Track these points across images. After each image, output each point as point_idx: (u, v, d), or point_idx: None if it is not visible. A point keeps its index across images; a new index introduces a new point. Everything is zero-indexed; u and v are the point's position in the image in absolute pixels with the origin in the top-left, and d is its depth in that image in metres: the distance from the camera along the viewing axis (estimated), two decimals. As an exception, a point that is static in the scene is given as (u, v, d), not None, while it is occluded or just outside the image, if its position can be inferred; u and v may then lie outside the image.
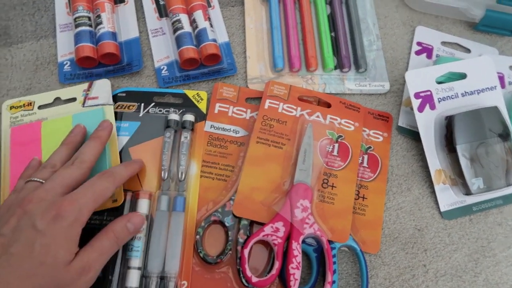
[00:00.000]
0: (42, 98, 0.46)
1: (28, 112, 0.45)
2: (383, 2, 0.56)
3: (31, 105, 0.45)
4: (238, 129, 0.47)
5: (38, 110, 0.45)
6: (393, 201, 0.45)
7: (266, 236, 0.40)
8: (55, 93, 0.46)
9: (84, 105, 0.45)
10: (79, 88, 0.46)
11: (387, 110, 0.50)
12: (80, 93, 0.46)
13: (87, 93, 0.46)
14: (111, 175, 0.37)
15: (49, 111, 0.45)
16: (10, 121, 0.44)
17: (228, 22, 0.53)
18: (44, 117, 0.44)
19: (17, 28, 0.50)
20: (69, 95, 0.46)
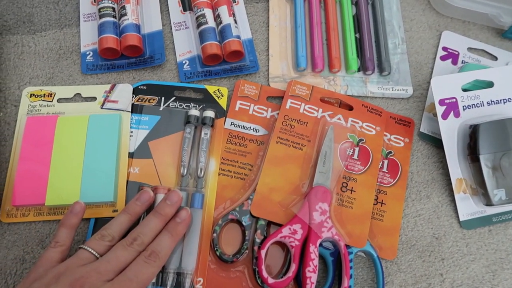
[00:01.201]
0: (63, 91, 0.45)
1: (47, 103, 0.45)
2: (409, 5, 0.55)
3: (51, 97, 0.45)
4: (258, 127, 0.46)
5: (57, 103, 0.45)
6: (412, 208, 0.45)
7: (283, 238, 0.40)
8: (76, 89, 0.46)
9: (102, 106, 0.45)
10: (101, 88, 0.46)
11: (409, 115, 0.49)
12: (101, 94, 0.45)
13: (107, 95, 0.45)
14: (157, 256, 0.34)
15: (67, 106, 0.45)
16: (28, 109, 0.44)
17: (252, 19, 0.53)
18: (61, 112, 0.44)
19: (41, 16, 0.50)
20: (90, 93, 0.46)
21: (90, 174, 0.41)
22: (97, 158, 0.42)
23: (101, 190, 0.40)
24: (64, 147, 0.42)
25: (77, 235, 0.41)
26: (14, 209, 0.40)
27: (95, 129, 0.43)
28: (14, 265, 0.39)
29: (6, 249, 0.40)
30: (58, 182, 0.40)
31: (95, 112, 0.44)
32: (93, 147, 0.42)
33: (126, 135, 0.44)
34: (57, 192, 0.40)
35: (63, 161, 0.41)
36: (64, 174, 0.41)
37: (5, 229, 0.40)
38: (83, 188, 0.40)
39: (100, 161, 0.42)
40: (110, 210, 0.41)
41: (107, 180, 0.41)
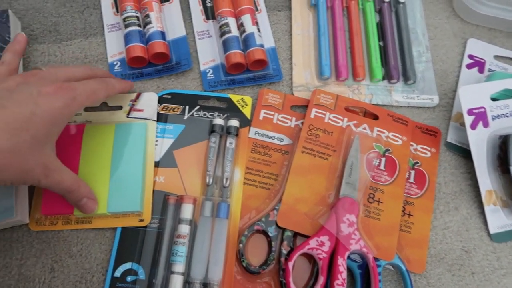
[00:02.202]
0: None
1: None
2: (433, 13, 0.55)
3: None
4: (283, 137, 0.46)
5: (84, 111, 0.45)
6: (440, 220, 0.44)
7: (311, 250, 0.39)
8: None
9: (128, 115, 0.45)
10: (127, 97, 0.45)
11: (435, 124, 0.49)
12: (127, 102, 0.45)
13: (133, 104, 0.45)
14: (104, 81, 0.39)
15: (94, 114, 0.45)
16: None
17: (275, 27, 0.52)
18: (88, 120, 0.44)
19: (67, 25, 0.51)
20: (116, 102, 0.45)
21: (117, 183, 0.41)
22: (124, 167, 0.41)
23: (128, 200, 0.40)
24: (91, 156, 0.42)
25: (104, 244, 0.41)
26: (43, 217, 0.40)
27: (122, 138, 0.43)
28: (42, 274, 0.39)
29: (35, 257, 0.40)
30: None
31: (121, 121, 0.44)
32: (120, 156, 0.42)
33: (152, 144, 0.44)
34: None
35: (90, 170, 0.41)
36: (92, 183, 0.40)
37: (34, 237, 0.41)
38: (110, 197, 0.40)
39: (127, 170, 0.41)
40: (136, 219, 0.41)
41: (134, 190, 0.41)
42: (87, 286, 0.39)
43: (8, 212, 0.38)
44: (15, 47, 0.40)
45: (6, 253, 0.40)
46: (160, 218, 0.41)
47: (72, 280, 0.40)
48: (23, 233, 0.41)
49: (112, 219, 0.41)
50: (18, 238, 0.41)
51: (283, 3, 0.54)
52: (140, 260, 0.40)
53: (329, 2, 0.52)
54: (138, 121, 0.44)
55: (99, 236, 0.41)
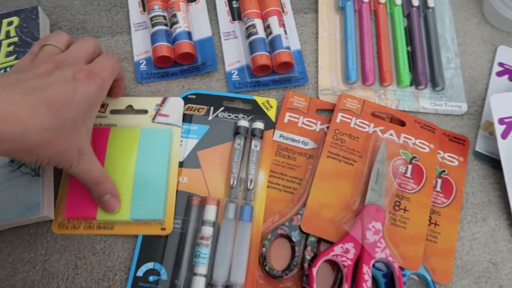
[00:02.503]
0: (115, 103, 0.45)
1: (100, 114, 0.44)
2: (463, 18, 0.54)
3: (104, 108, 0.44)
4: (308, 140, 0.45)
5: (109, 114, 0.44)
6: (467, 230, 0.43)
7: (335, 256, 0.39)
8: (128, 100, 0.45)
9: (154, 120, 0.44)
10: (152, 101, 0.45)
11: (463, 133, 0.48)
12: (152, 107, 0.44)
13: (159, 108, 0.44)
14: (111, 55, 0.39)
15: (119, 118, 0.44)
16: None
17: (301, 29, 0.52)
18: (113, 124, 0.44)
19: (94, 23, 0.51)
20: (142, 105, 0.45)
21: (140, 190, 0.40)
22: (147, 174, 0.41)
23: (151, 208, 0.40)
24: (115, 160, 0.41)
25: (127, 243, 0.41)
26: (65, 220, 0.40)
27: (147, 144, 0.42)
28: (66, 270, 0.40)
29: (59, 253, 0.40)
30: None
31: (146, 125, 0.44)
32: (144, 162, 0.41)
33: (176, 151, 0.43)
34: None
35: (114, 175, 0.40)
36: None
37: (58, 234, 0.41)
38: (133, 204, 0.40)
39: (151, 177, 0.41)
40: (158, 227, 0.40)
41: (157, 198, 0.40)
42: (109, 285, 0.39)
43: (35, 208, 0.38)
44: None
45: (30, 248, 0.40)
46: (183, 219, 0.41)
47: (95, 278, 0.40)
48: (47, 228, 0.41)
49: (134, 226, 0.41)
50: (43, 233, 0.41)
51: (310, 6, 0.53)
52: (162, 260, 0.40)
53: (356, 5, 0.52)
54: (164, 127, 0.44)
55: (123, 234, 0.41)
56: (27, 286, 0.39)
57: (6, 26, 0.45)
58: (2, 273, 0.39)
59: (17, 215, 0.38)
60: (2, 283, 0.39)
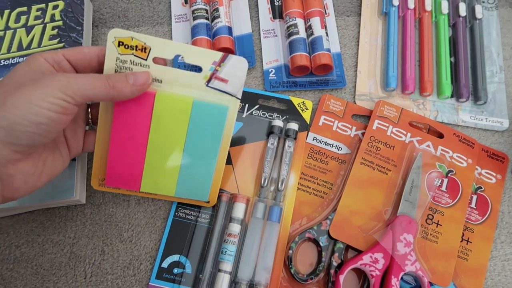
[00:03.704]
0: (160, 48, 0.34)
1: (140, 61, 0.34)
2: (510, 32, 0.52)
3: (145, 52, 0.34)
4: (341, 145, 0.45)
5: (152, 63, 0.34)
6: (500, 250, 0.42)
7: (363, 265, 0.38)
8: (178, 48, 0.35)
9: (208, 83, 0.35)
10: (209, 56, 0.35)
11: (503, 150, 0.46)
12: (208, 64, 0.35)
13: (216, 69, 0.35)
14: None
15: (165, 72, 0.35)
16: (115, 65, 0.34)
17: (342, 32, 0.51)
18: (157, 79, 0.35)
19: (135, 12, 0.51)
20: (195, 59, 0.35)
21: (188, 169, 0.37)
22: (197, 153, 0.37)
23: (197, 188, 0.39)
24: (162, 132, 0.36)
25: (154, 233, 0.41)
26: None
27: (199, 119, 0.36)
28: (93, 255, 0.40)
29: (87, 238, 0.40)
30: (154, 171, 0.37)
31: (199, 88, 0.36)
32: (195, 139, 0.37)
33: (230, 130, 0.37)
34: (153, 181, 0.38)
35: (161, 147, 0.36)
36: (162, 163, 0.37)
37: (87, 218, 0.41)
38: (180, 181, 0.38)
39: (200, 156, 0.37)
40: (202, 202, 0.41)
41: (205, 180, 0.38)
42: (134, 273, 0.40)
43: (69, 191, 0.38)
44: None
45: (60, 230, 0.41)
46: (211, 214, 0.41)
47: (121, 265, 0.40)
48: (77, 212, 0.41)
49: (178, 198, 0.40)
50: (72, 217, 0.41)
51: (353, 9, 0.52)
52: (188, 254, 0.40)
53: (401, 11, 0.50)
54: (220, 96, 0.36)
55: (150, 224, 0.41)
56: (54, 267, 0.40)
57: (51, 10, 0.46)
58: (31, 252, 0.40)
59: (50, 197, 0.39)
60: (30, 262, 0.40)
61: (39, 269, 0.39)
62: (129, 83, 0.32)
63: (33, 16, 0.45)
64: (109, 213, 0.42)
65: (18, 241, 0.40)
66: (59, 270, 0.39)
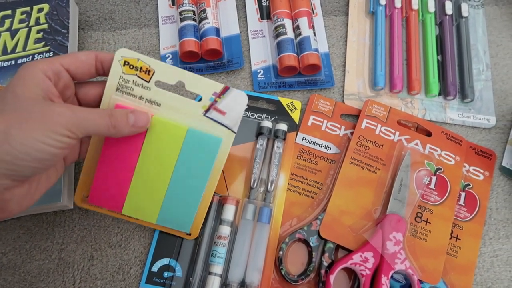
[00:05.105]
0: (164, 72, 0.34)
1: (143, 82, 0.34)
2: (496, 29, 0.52)
3: (149, 75, 0.34)
4: (330, 145, 0.45)
5: (154, 86, 0.34)
6: (489, 246, 0.42)
7: (353, 265, 0.38)
8: (181, 74, 0.34)
9: (206, 113, 0.35)
10: (210, 86, 0.35)
11: (490, 146, 0.46)
12: (208, 94, 0.35)
13: (216, 100, 0.35)
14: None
15: (165, 96, 0.34)
16: (118, 83, 0.34)
17: (329, 32, 0.51)
18: (157, 102, 0.34)
19: (122, 14, 0.51)
20: (196, 88, 0.35)
21: (173, 197, 0.37)
22: (184, 183, 0.36)
23: (180, 219, 0.38)
24: (152, 156, 0.35)
25: (143, 237, 0.41)
26: None
27: (191, 147, 0.35)
28: (81, 260, 0.40)
29: (76, 243, 0.40)
30: (139, 195, 0.36)
31: (196, 117, 0.35)
32: (184, 167, 0.36)
33: (222, 162, 0.37)
34: (136, 205, 0.37)
35: (148, 172, 0.36)
36: (147, 188, 0.36)
37: (75, 223, 0.41)
38: (163, 209, 0.37)
39: (187, 187, 0.36)
40: (182, 233, 0.39)
41: (189, 211, 0.37)
42: (124, 278, 0.39)
43: (56, 196, 0.38)
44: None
45: (48, 236, 0.40)
46: (201, 216, 0.41)
47: (110, 270, 0.40)
48: (65, 218, 0.41)
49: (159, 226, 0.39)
50: (60, 222, 0.41)
51: (340, 8, 0.52)
52: (178, 257, 0.40)
53: (388, 10, 0.51)
54: (215, 128, 0.36)
55: (140, 228, 0.41)
56: (42, 274, 0.39)
57: (36, 13, 0.45)
58: (18, 259, 0.39)
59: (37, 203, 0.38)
60: (18, 269, 0.39)
61: (27, 276, 0.39)
62: (129, 124, 0.32)
63: (18, 20, 0.45)
64: (97, 217, 0.41)
65: (5, 248, 0.40)
66: (47, 276, 0.39)
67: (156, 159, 0.35)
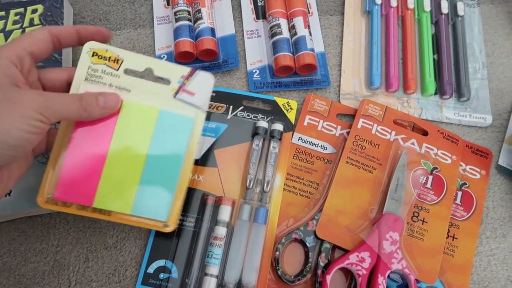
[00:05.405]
0: (132, 60, 0.36)
1: (112, 71, 0.35)
2: (492, 28, 0.52)
3: (117, 63, 0.35)
4: (327, 145, 0.45)
5: (123, 74, 0.35)
6: (486, 245, 0.42)
7: (350, 265, 0.38)
8: (149, 61, 0.36)
9: (176, 95, 0.36)
10: (178, 70, 0.36)
11: (486, 145, 0.46)
12: (177, 77, 0.36)
13: (184, 82, 0.36)
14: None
15: (134, 82, 0.35)
16: (86, 73, 0.35)
17: (325, 31, 0.51)
18: (126, 88, 0.35)
19: (117, 15, 0.50)
20: (164, 73, 0.36)
21: (148, 184, 0.35)
22: (159, 167, 0.35)
23: (156, 206, 0.35)
24: (125, 141, 0.34)
25: (139, 238, 0.41)
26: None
27: (164, 129, 0.35)
28: (77, 262, 0.39)
29: (71, 245, 0.40)
30: (111, 184, 0.34)
31: (166, 99, 0.36)
32: (157, 151, 0.35)
33: (195, 143, 0.36)
34: (109, 195, 0.34)
35: (121, 159, 0.34)
36: (120, 175, 0.34)
37: (71, 225, 0.41)
38: (138, 198, 0.34)
39: (162, 171, 0.35)
40: (160, 224, 0.35)
41: (165, 197, 0.35)
42: (120, 279, 0.39)
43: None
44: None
45: (43, 238, 0.40)
46: (196, 217, 0.41)
47: (106, 272, 0.39)
48: (60, 220, 0.41)
49: (133, 218, 0.35)
50: (55, 224, 0.41)
51: (336, 8, 0.52)
52: (174, 258, 0.39)
53: (384, 9, 0.50)
54: (186, 108, 0.36)
55: (135, 230, 0.41)
56: (37, 276, 0.39)
57: (30, 14, 0.45)
58: (13, 262, 0.39)
59: (31, 205, 0.38)
60: (12, 271, 0.39)
61: (22, 279, 0.39)
62: (99, 106, 0.32)
63: (12, 21, 0.45)
64: (93, 219, 0.41)
65: (0, 250, 0.40)
66: (43, 279, 0.39)
67: (129, 144, 0.35)
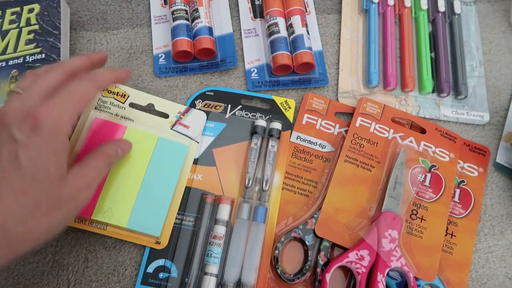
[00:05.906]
0: (137, 96, 0.43)
1: (119, 103, 0.42)
2: (489, 26, 0.52)
3: (124, 98, 0.42)
4: (325, 143, 0.45)
5: (128, 107, 0.42)
6: (484, 243, 0.42)
7: (349, 263, 0.38)
8: (150, 98, 0.43)
9: (173, 127, 0.42)
10: (175, 107, 0.43)
11: (484, 143, 0.47)
12: (174, 113, 0.43)
13: (180, 117, 0.43)
14: (90, 77, 0.33)
15: (138, 114, 0.42)
16: (97, 103, 0.42)
17: (323, 30, 0.51)
18: (130, 118, 0.42)
19: (114, 14, 0.50)
20: (164, 108, 0.43)
21: (144, 201, 0.39)
22: (154, 187, 0.39)
23: (150, 222, 0.39)
24: (125, 163, 0.39)
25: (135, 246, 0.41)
26: None
27: (161, 154, 0.41)
28: (76, 263, 0.39)
29: (70, 245, 0.40)
30: (110, 199, 0.38)
31: (164, 130, 0.42)
32: (155, 173, 0.40)
33: (188, 167, 0.42)
34: (107, 209, 0.38)
35: (120, 177, 0.39)
36: (118, 192, 0.39)
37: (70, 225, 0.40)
38: (133, 214, 0.38)
39: (157, 191, 0.39)
40: (152, 241, 0.39)
41: (159, 214, 0.39)
42: (119, 279, 0.39)
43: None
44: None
45: (42, 238, 0.40)
46: (196, 216, 0.41)
47: (105, 272, 0.39)
48: (59, 219, 0.41)
49: (128, 233, 0.39)
50: (54, 224, 0.40)
51: (333, 6, 0.52)
52: (173, 258, 0.39)
53: (381, 8, 0.51)
54: (181, 138, 0.42)
55: (134, 229, 0.41)
56: (36, 277, 0.39)
57: (27, 13, 0.45)
58: (12, 262, 0.39)
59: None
60: (11, 272, 0.39)
61: (21, 279, 0.39)
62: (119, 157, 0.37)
63: (8, 20, 0.44)
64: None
65: (-1, 251, 0.39)
66: (42, 279, 0.39)
67: (129, 164, 0.40)
